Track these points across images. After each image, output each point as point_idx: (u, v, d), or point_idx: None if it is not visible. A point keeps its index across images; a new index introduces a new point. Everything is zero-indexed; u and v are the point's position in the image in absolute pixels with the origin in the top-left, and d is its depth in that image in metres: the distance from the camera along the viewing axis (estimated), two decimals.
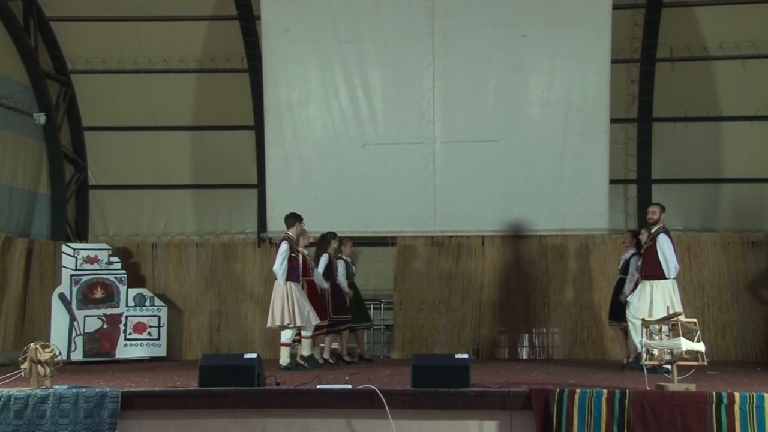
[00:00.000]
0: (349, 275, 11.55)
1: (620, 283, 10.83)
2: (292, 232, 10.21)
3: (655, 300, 9.41)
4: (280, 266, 9.90)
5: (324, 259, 10.97)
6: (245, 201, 14.11)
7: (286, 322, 9.84)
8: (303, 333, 10.20)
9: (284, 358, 10.00)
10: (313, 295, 10.50)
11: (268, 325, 10.11)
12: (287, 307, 9.84)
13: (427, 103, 12.68)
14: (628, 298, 10.05)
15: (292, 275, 9.97)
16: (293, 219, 10.28)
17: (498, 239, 12.97)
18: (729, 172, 13.35)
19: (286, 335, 10.03)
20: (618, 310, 10.62)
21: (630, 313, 9.77)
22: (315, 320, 10.05)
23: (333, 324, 10.85)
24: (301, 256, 10.33)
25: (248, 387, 6.96)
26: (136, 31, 13.77)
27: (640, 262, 9.92)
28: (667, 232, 9.62)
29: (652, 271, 9.50)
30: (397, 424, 6.71)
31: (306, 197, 12.81)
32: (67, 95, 14.14)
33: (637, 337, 9.69)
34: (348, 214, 12.81)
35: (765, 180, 13.23)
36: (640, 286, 9.65)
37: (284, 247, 9.96)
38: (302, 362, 10.18)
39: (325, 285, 10.78)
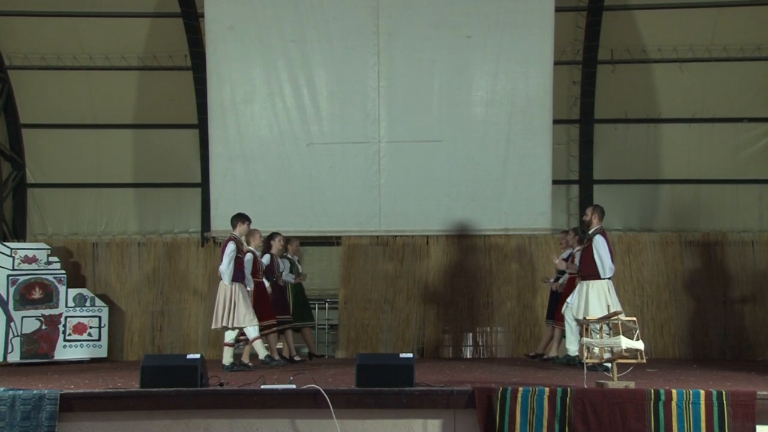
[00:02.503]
0: (295, 274, 11.53)
1: (556, 282, 11.09)
2: (237, 232, 10.12)
3: (590, 300, 9.53)
4: (226, 267, 9.81)
5: (266, 259, 10.92)
6: (189, 200, 13.98)
7: (226, 323, 9.78)
8: (247, 335, 10.10)
9: (227, 358, 9.93)
10: (261, 295, 10.44)
11: (212, 326, 10.03)
12: (229, 309, 9.77)
13: (372, 103, 12.70)
14: (567, 300, 10.19)
15: (237, 276, 9.89)
16: (238, 219, 10.19)
17: (442, 239, 13.05)
18: (667, 173, 13.64)
19: (230, 336, 9.97)
20: (555, 310, 10.80)
21: (568, 314, 9.94)
22: (249, 322, 9.89)
23: (275, 324, 10.81)
24: (252, 256, 10.26)
25: (191, 388, 6.89)
26: (76, 27, 13.55)
27: (576, 261, 10.09)
28: (603, 233, 9.74)
29: (588, 271, 9.59)
30: (341, 424, 6.71)
31: (251, 196, 12.74)
32: (3, 91, 13.84)
33: (573, 337, 9.86)
34: (293, 213, 12.77)
35: (701, 181, 13.55)
36: (578, 287, 9.79)
37: (231, 247, 9.87)
38: (259, 363, 10.03)
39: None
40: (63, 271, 12.43)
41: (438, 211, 12.75)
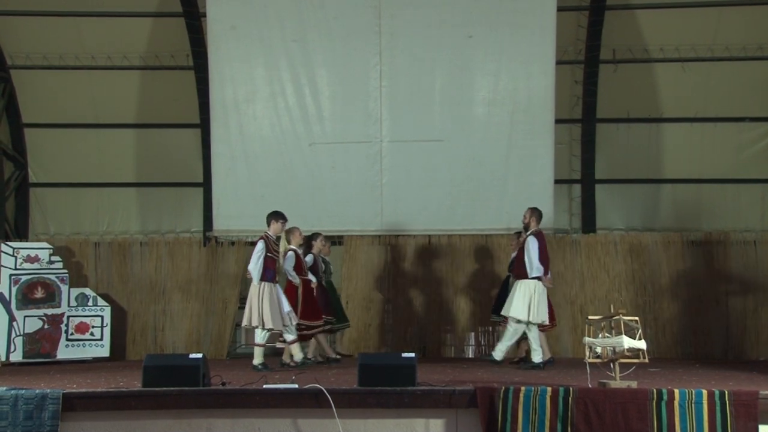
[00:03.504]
0: (327, 273, 11.46)
1: (507, 280, 11.05)
2: (271, 231, 10.03)
3: (515, 298, 9.85)
4: (254, 266, 9.75)
5: (309, 259, 10.83)
6: (190, 200, 13.97)
7: (254, 323, 9.71)
8: (285, 336, 10.00)
9: (257, 359, 9.80)
10: (308, 293, 10.39)
11: (242, 324, 9.92)
12: (256, 308, 9.69)
13: (374, 103, 12.70)
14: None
15: (267, 275, 9.78)
16: (271, 217, 10.08)
17: (444, 238, 13.04)
18: (669, 172, 13.62)
19: (259, 336, 9.84)
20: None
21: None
22: (288, 322, 9.82)
23: (322, 325, 10.76)
24: (294, 254, 10.16)
25: (193, 387, 6.90)
26: (78, 27, 13.55)
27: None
28: (537, 234, 10.00)
29: (519, 270, 9.97)
30: (343, 424, 6.72)
31: (252, 196, 12.75)
32: (6, 91, 13.84)
33: (509, 335, 10.00)
34: (295, 213, 12.66)
35: (704, 181, 13.52)
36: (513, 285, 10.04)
37: (260, 246, 9.80)
38: (295, 365, 9.93)
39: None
40: (65, 271, 12.43)
41: (440, 211, 12.75)
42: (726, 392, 6.50)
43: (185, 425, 6.84)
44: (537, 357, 9.94)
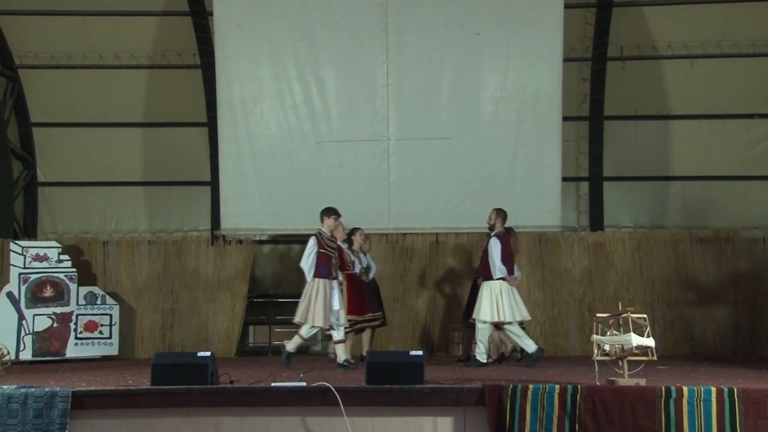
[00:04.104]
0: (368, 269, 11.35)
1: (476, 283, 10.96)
2: (325, 227, 9.96)
3: (483, 298, 9.91)
4: (305, 262, 9.72)
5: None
6: (198, 198, 13.99)
7: (307, 320, 9.64)
8: (333, 334, 9.91)
9: (341, 356, 9.74)
10: (351, 289, 10.39)
11: (294, 320, 9.89)
12: (307, 305, 9.63)
13: (381, 101, 12.69)
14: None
15: (321, 272, 9.72)
16: (323, 213, 10.01)
17: (452, 236, 13.04)
18: (678, 170, 13.58)
19: (304, 329, 9.76)
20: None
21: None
22: (335, 321, 9.70)
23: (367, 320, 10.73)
24: (337, 252, 10.08)
25: (201, 385, 6.91)
26: (85, 26, 13.58)
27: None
28: (500, 236, 10.07)
29: (484, 271, 10.04)
30: (351, 422, 6.72)
31: (260, 194, 12.77)
32: (14, 90, 13.88)
33: (479, 335, 10.00)
34: (302, 211, 12.76)
35: (712, 178, 13.47)
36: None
37: (311, 242, 9.77)
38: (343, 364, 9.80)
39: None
40: (74, 270, 12.47)
41: (447, 209, 12.73)
42: (735, 390, 6.48)
43: (194, 423, 6.85)
44: (481, 355, 9.93)
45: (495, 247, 9.98)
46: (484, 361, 9.98)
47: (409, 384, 6.84)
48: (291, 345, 9.90)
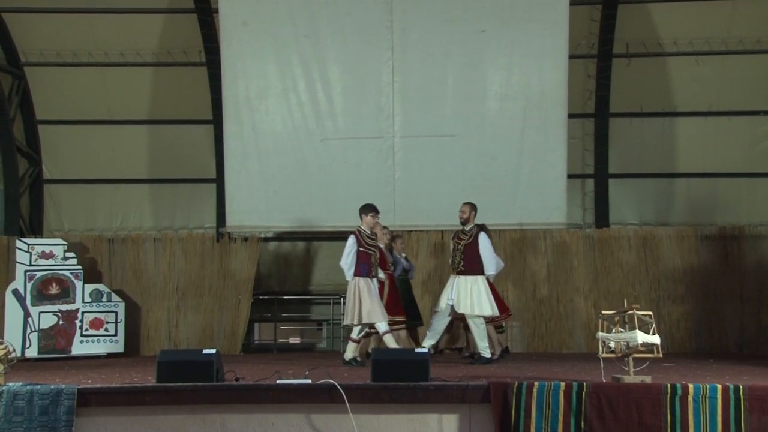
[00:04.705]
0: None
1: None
2: (364, 225, 9.78)
3: (481, 294, 9.76)
4: (345, 261, 9.59)
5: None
6: (203, 196, 14.01)
7: (349, 320, 9.55)
8: (378, 329, 9.66)
9: (348, 353, 9.65)
10: (390, 289, 10.31)
11: (344, 323, 9.82)
12: (353, 305, 9.49)
13: (386, 98, 12.69)
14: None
15: (361, 270, 9.55)
16: (361, 211, 9.82)
17: None
18: (683, 166, 13.56)
19: (355, 331, 9.67)
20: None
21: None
22: (375, 318, 9.48)
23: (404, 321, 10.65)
24: (377, 249, 9.90)
25: (207, 383, 6.92)
26: (91, 24, 13.60)
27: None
28: (486, 230, 10.03)
29: (471, 266, 9.80)
30: (356, 419, 6.72)
31: (265, 192, 12.79)
32: (20, 88, 13.90)
33: (480, 331, 9.82)
34: (307, 208, 12.79)
35: (718, 175, 13.45)
36: (458, 281, 9.84)
37: (350, 241, 9.61)
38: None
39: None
40: (79, 267, 12.48)
41: (452, 206, 12.57)
42: (740, 387, 6.47)
43: (199, 420, 6.86)
44: (486, 351, 9.83)
45: (487, 242, 9.89)
46: (489, 356, 9.92)
47: (415, 381, 6.85)
48: (348, 353, 9.70)
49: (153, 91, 13.93)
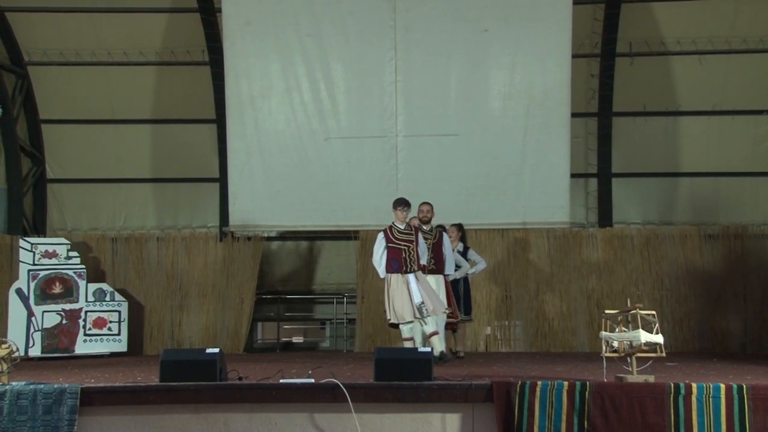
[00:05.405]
0: None
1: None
2: (397, 221, 9.59)
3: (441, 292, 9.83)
4: (374, 258, 9.53)
5: None
6: (207, 195, 14.03)
7: (389, 317, 9.49)
8: (424, 329, 9.47)
9: (437, 347, 9.21)
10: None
11: (390, 321, 9.69)
12: (387, 302, 9.43)
13: (389, 97, 12.69)
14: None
15: (392, 266, 9.40)
16: (393, 206, 9.64)
17: None
18: (686, 166, 13.55)
19: (405, 330, 9.50)
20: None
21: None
22: (421, 314, 9.28)
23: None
24: (413, 244, 9.58)
25: (210, 382, 6.92)
26: (94, 23, 13.62)
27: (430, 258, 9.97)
28: (444, 230, 10.22)
29: (438, 266, 9.95)
30: (359, 418, 6.72)
31: (268, 191, 12.81)
32: (23, 87, 13.93)
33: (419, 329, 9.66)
34: (310, 207, 12.80)
35: (721, 174, 13.45)
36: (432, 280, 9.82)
37: (378, 237, 9.54)
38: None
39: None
40: (83, 266, 12.49)
41: (455, 206, 12.70)
42: (744, 386, 6.46)
43: (202, 420, 6.86)
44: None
45: (448, 242, 10.07)
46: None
47: (418, 380, 6.84)
48: (436, 349, 9.29)
49: (156, 90, 13.94)
